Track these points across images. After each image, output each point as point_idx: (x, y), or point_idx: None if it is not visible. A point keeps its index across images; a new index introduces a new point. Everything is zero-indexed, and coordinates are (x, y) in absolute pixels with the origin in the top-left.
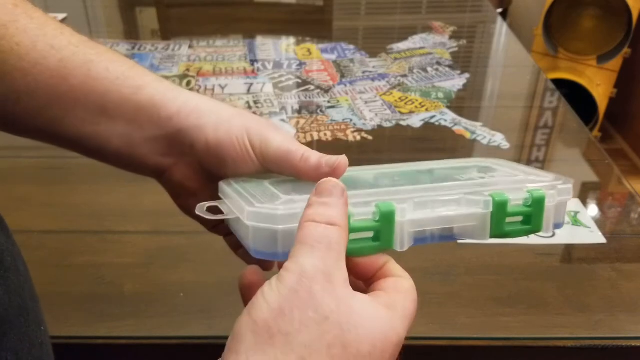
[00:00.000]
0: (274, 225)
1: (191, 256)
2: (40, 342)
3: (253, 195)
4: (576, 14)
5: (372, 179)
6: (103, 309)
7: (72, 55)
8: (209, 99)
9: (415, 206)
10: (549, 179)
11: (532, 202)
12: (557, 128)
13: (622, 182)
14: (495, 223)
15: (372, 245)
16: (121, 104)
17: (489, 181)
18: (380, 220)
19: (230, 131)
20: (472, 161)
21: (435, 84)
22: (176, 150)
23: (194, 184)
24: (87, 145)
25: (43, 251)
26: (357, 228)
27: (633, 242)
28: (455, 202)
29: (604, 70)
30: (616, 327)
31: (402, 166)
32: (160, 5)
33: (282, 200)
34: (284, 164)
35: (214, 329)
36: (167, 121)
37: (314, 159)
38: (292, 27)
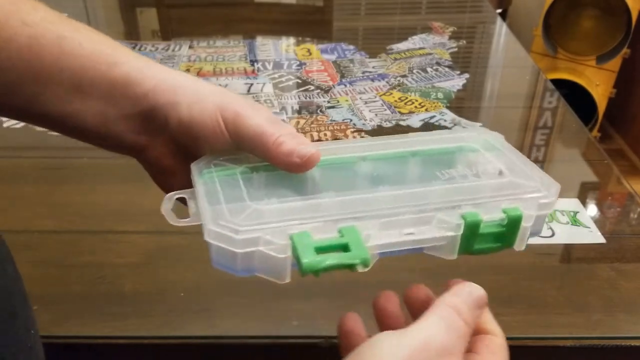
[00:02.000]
0: (233, 249)
1: (191, 256)
2: (29, 346)
3: (218, 198)
4: (575, 14)
5: (348, 172)
6: (103, 309)
7: (45, 31)
8: (190, 76)
9: (381, 226)
10: (532, 187)
11: (507, 222)
12: (557, 128)
13: (621, 182)
14: (464, 243)
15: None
16: (96, 80)
17: (468, 187)
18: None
19: (204, 109)
20: (462, 137)
21: (434, 84)
22: (151, 127)
23: (170, 163)
24: (63, 123)
25: (43, 251)
26: (324, 246)
27: (632, 242)
28: (425, 222)
29: (603, 71)
30: (615, 326)
31: (385, 145)
32: (160, 6)
33: (245, 215)
34: (257, 146)
35: (214, 328)
36: (142, 98)
37: (286, 146)
38: (292, 28)
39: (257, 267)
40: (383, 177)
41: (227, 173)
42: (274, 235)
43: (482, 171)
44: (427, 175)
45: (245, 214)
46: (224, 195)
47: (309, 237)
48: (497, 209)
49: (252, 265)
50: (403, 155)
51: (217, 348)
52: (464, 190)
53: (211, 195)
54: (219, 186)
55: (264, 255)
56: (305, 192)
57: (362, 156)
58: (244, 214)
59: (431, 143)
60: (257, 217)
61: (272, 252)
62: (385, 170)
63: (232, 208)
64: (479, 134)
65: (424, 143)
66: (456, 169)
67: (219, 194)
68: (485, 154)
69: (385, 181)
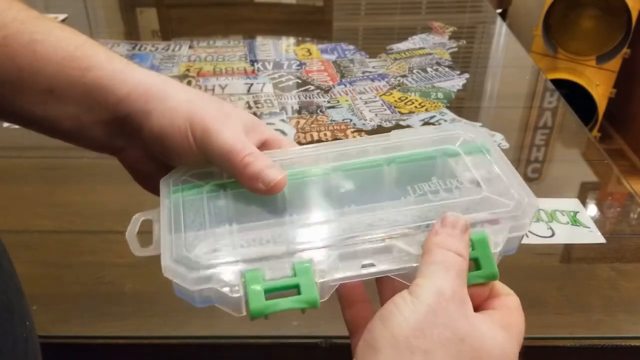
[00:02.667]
0: (188, 287)
1: None
2: (25, 337)
3: (179, 223)
4: (575, 14)
5: (316, 188)
6: (103, 309)
7: (17, 32)
8: (166, 80)
9: (339, 258)
10: (506, 206)
11: (474, 249)
12: (557, 128)
13: (621, 182)
14: None
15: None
16: (69, 86)
17: (437, 207)
18: (298, 279)
19: (174, 121)
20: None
21: (434, 84)
22: (126, 133)
23: (147, 168)
24: (40, 125)
25: (43, 251)
26: (275, 288)
27: (632, 242)
28: (385, 251)
29: (603, 71)
30: (615, 326)
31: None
32: (160, 6)
33: (202, 245)
34: (224, 164)
35: (214, 328)
36: (115, 105)
37: (252, 169)
38: (292, 28)
39: (214, 300)
40: (351, 194)
41: (193, 192)
42: (226, 275)
43: (456, 185)
44: (398, 190)
45: (203, 243)
46: (185, 220)
47: (261, 278)
48: None
49: (209, 298)
50: (378, 164)
51: (217, 348)
52: (433, 211)
53: (174, 220)
54: (182, 209)
55: (218, 292)
56: (269, 214)
57: (334, 167)
58: (202, 243)
59: (411, 146)
60: (214, 250)
61: (225, 290)
62: (355, 184)
63: (191, 237)
64: (465, 132)
65: (404, 146)
66: (430, 182)
67: (180, 218)
68: (465, 160)
69: (353, 199)
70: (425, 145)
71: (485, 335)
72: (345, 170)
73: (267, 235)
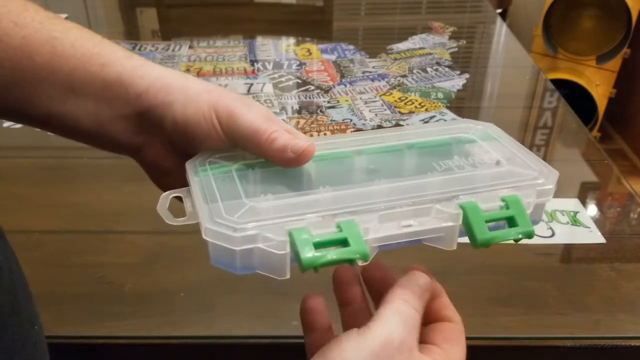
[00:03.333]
0: (232, 247)
1: (191, 256)
2: (33, 340)
3: (214, 196)
4: (575, 14)
5: (344, 166)
6: (103, 309)
7: (36, 32)
8: (182, 74)
9: (380, 219)
10: (530, 175)
11: (507, 209)
12: (557, 128)
13: (621, 182)
14: (470, 233)
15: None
16: (88, 82)
17: (465, 177)
18: (345, 234)
19: (198, 108)
20: (456, 129)
21: (434, 84)
22: (147, 128)
23: (167, 163)
24: (57, 124)
25: (43, 251)
26: (323, 242)
27: (632, 241)
28: (424, 213)
29: (603, 71)
30: (615, 326)
31: (380, 138)
32: (160, 6)
33: (242, 212)
34: (251, 144)
35: (214, 328)
36: (135, 99)
37: (280, 142)
38: (292, 28)
39: (256, 264)
40: (379, 170)
41: (222, 170)
42: (272, 232)
43: (479, 161)
44: (424, 166)
45: (242, 210)
46: (219, 192)
47: (308, 233)
48: (495, 198)
49: (251, 262)
50: (399, 148)
51: (217, 348)
52: (461, 181)
53: (207, 193)
54: (215, 184)
55: (263, 252)
56: (302, 187)
57: (357, 150)
58: (241, 211)
59: (427, 135)
60: (255, 214)
61: (271, 248)
62: (381, 163)
63: (228, 205)
64: (474, 124)
65: (420, 135)
66: (453, 159)
67: (214, 191)
68: (482, 144)
69: (382, 174)
70: (440, 134)
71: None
72: (369, 153)
73: (305, 201)
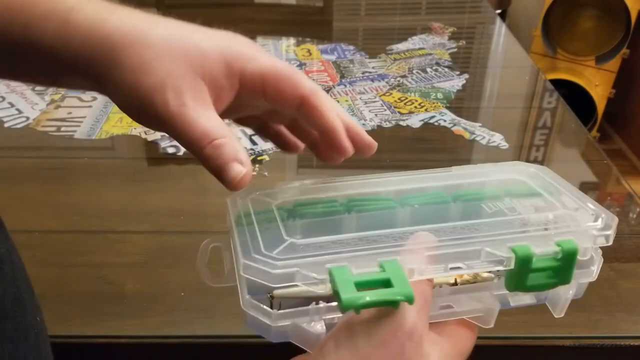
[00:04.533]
0: (268, 322)
1: (192, 256)
2: (36, 331)
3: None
4: (575, 14)
5: (387, 215)
6: (104, 309)
7: None
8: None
9: (426, 260)
10: (586, 219)
11: (561, 256)
12: (556, 128)
13: (620, 182)
14: (516, 278)
15: None
16: None
17: (516, 220)
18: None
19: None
20: (507, 170)
21: (434, 84)
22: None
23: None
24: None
25: (44, 251)
26: (366, 282)
27: (632, 241)
28: (474, 254)
29: (602, 71)
30: (615, 326)
31: (428, 178)
32: (160, 6)
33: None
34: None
35: (215, 328)
36: None
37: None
38: (292, 28)
39: (290, 337)
40: (424, 218)
41: (265, 217)
42: (312, 269)
43: (530, 204)
44: (472, 210)
45: (280, 248)
46: (262, 243)
47: (348, 272)
48: (549, 242)
49: (286, 336)
50: (445, 199)
51: (217, 348)
52: (512, 223)
53: (250, 247)
54: (259, 233)
55: (298, 329)
56: (344, 231)
57: (400, 200)
58: (278, 248)
59: (475, 182)
60: (293, 251)
61: (310, 286)
62: (425, 213)
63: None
64: (526, 167)
65: (468, 177)
66: (503, 201)
67: (259, 244)
68: (535, 189)
69: (427, 220)
70: (490, 178)
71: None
72: (412, 203)
73: (347, 240)
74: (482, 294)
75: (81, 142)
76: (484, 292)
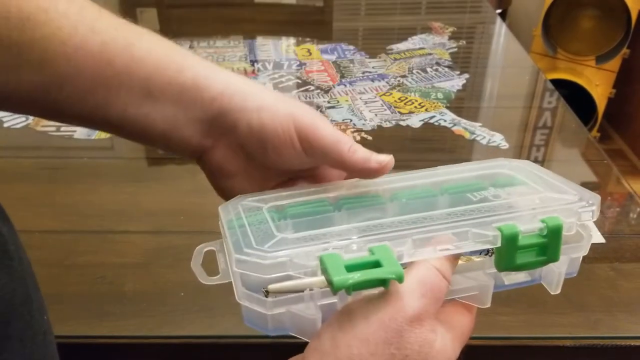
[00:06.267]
0: (264, 311)
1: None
2: (43, 330)
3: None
4: (575, 14)
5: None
6: (104, 309)
7: (113, 38)
8: (252, 81)
9: (414, 244)
10: (569, 199)
11: (547, 232)
12: (556, 128)
13: (620, 182)
14: (505, 258)
15: None
16: (165, 86)
17: (501, 204)
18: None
19: (275, 116)
20: (491, 166)
21: (434, 84)
22: (218, 131)
23: (232, 166)
24: (132, 128)
25: (44, 251)
26: (356, 264)
27: (632, 241)
28: (461, 237)
29: (602, 71)
30: (615, 326)
31: (416, 177)
32: (160, 6)
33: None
34: (331, 154)
35: (215, 328)
36: (210, 102)
37: (362, 152)
38: (292, 28)
39: (288, 326)
40: (413, 210)
41: (254, 216)
42: (302, 258)
43: (514, 191)
44: (458, 199)
45: (271, 242)
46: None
47: (339, 257)
48: (534, 219)
49: (283, 324)
50: (433, 193)
51: (217, 348)
52: (498, 207)
53: (242, 243)
54: (249, 230)
55: (295, 316)
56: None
57: (390, 196)
58: (270, 243)
59: (461, 176)
60: (284, 244)
61: (301, 274)
62: (414, 204)
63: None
64: (509, 162)
65: (454, 173)
66: (487, 190)
67: (250, 239)
68: (518, 178)
69: (416, 212)
70: (474, 173)
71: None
72: (401, 198)
73: (336, 232)
74: (476, 274)
75: (81, 142)
76: (477, 271)
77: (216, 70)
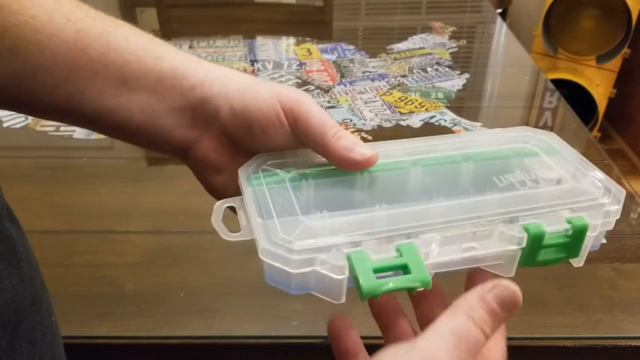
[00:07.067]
0: (288, 269)
1: (191, 256)
2: (52, 331)
3: (269, 211)
4: (576, 14)
5: (399, 180)
6: (103, 309)
7: (89, 27)
8: (234, 70)
9: (440, 242)
10: (595, 194)
11: (572, 233)
12: (557, 128)
13: (621, 182)
14: (526, 255)
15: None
16: (142, 74)
17: (527, 196)
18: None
19: (258, 95)
20: (516, 137)
21: (435, 84)
22: (201, 120)
23: (220, 158)
24: (107, 120)
25: (44, 251)
26: (383, 268)
27: (632, 241)
28: (486, 237)
29: (603, 71)
30: (615, 326)
31: (434, 146)
32: (160, 6)
33: (299, 231)
34: (314, 135)
35: (214, 328)
36: (190, 90)
37: (346, 141)
38: (292, 28)
39: (311, 286)
40: (436, 185)
41: (275, 180)
42: (330, 256)
43: (541, 177)
44: (483, 182)
45: (299, 230)
46: (274, 207)
47: (367, 258)
48: (561, 219)
49: (306, 284)
50: (456, 159)
51: (217, 348)
52: (524, 199)
53: (262, 206)
54: (269, 196)
55: (320, 276)
56: (357, 202)
57: (412, 160)
58: (297, 230)
59: (485, 144)
60: (311, 234)
61: (328, 272)
62: (438, 177)
63: (284, 223)
64: (534, 132)
65: (478, 144)
66: (514, 174)
67: (269, 205)
68: (544, 158)
69: (439, 190)
70: (499, 144)
71: None
72: (424, 165)
73: (362, 221)
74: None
75: (80, 142)
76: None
77: (197, 61)
